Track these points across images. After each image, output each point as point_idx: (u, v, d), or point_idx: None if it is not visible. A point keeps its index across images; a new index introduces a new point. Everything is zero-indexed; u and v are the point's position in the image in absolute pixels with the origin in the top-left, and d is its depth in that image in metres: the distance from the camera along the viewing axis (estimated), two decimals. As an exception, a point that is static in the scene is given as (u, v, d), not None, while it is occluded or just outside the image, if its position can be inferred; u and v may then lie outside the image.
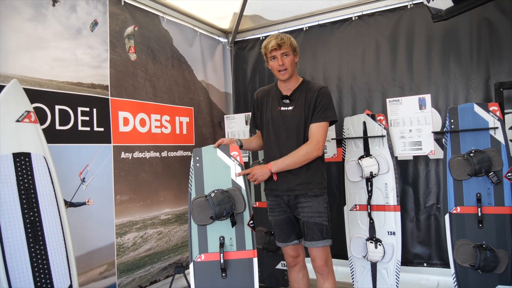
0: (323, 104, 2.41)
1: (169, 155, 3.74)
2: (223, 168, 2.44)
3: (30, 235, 2.15)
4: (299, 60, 2.55)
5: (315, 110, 2.41)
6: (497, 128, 2.77)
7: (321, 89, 2.45)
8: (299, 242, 2.55)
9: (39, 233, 2.19)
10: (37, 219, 2.20)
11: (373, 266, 3.13)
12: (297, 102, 2.46)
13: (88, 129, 2.97)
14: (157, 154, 3.61)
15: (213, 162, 2.46)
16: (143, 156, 3.46)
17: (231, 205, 2.31)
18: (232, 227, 2.35)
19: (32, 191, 2.22)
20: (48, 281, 2.17)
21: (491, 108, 2.81)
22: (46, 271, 2.18)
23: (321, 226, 2.39)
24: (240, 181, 2.43)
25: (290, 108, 2.46)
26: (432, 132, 3.04)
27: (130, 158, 3.32)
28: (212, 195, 2.30)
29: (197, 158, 2.46)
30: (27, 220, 2.16)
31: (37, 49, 2.69)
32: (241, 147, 2.61)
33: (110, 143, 3.15)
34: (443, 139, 2.97)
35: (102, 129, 3.08)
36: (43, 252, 2.19)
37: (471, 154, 2.76)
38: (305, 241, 2.45)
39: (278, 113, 2.49)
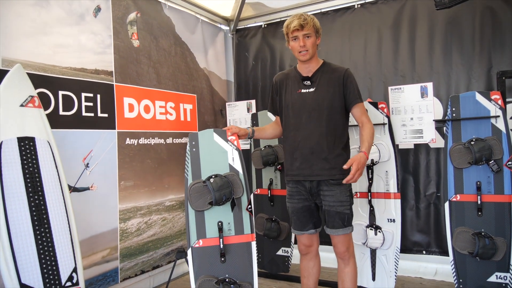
0: (355, 85, 2.41)
1: (174, 142, 3.77)
2: (220, 153, 2.42)
3: (35, 218, 2.19)
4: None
5: (350, 92, 2.38)
6: (498, 116, 2.79)
7: (347, 71, 2.42)
8: (315, 231, 2.52)
9: (44, 216, 2.23)
10: (41, 202, 2.24)
11: (373, 252, 3.17)
12: (319, 83, 2.40)
13: (92, 114, 2.99)
14: (162, 141, 3.63)
15: (210, 147, 2.43)
16: (148, 142, 3.48)
17: (230, 190, 2.31)
18: (232, 210, 2.35)
19: (36, 175, 2.25)
20: (53, 263, 2.22)
21: (492, 97, 2.82)
22: (51, 253, 2.22)
23: (343, 215, 2.37)
24: (238, 166, 2.41)
25: (312, 89, 2.41)
26: (434, 120, 3.05)
27: (135, 144, 3.34)
28: (212, 180, 2.29)
29: (193, 142, 2.43)
30: (32, 203, 2.20)
31: (41, 34, 2.70)
32: (251, 137, 2.57)
33: (115, 129, 3.17)
34: (444, 128, 2.98)
35: (106, 115, 3.10)
36: (48, 234, 2.23)
37: (472, 143, 2.78)
38: (326, 228, 2.43)
39: (298, 95, 2.43)
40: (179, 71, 3.92)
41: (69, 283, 2.27)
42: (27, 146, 2.24)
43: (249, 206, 2.40)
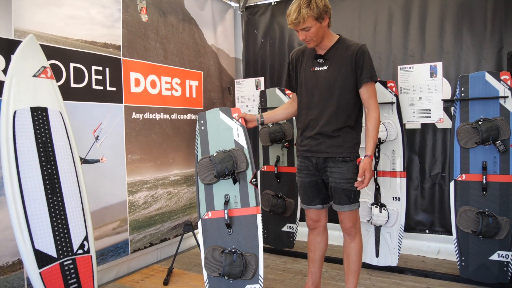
0: (367, 64, 2.31)
1: (179, 118, 3.79)
2: (226, 130, 2.51)
3: (48, 186, 2.23)
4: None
5: (361, 70, 2.30)
6: (507, 97, 2.78)
7: (361, 48, 2.31)
8: (322, 207, 2.53)
9: (56, 184, 2.28)
10: (54, 171, 2.28)
11: (377, 230, 3.21)
12: (332, 62, 2.35)
13: (101, 88, 3.01)
14: (167, 116, 3.65)
15: (216, 125, 2.53)
16: (153, 117, 3.51)
17: (232, 163, 2.37)
18: (234, 184, 2.42)
19: (49, 144, 2.29)
20: (65, 230, 2.27)
21: (502, 77, 2.81)
22: (64, 221, 2.28)
23: (349, 192, 2.36)
24: (242, 141, 2.48)
25: (325, 68, 2.37)
26: (442, 99, 3.05)
27: (141, 118, 3.37)
28: (215, 154, 2.39)
29: (202, 121, 2.54)
30: (45, 172, 2.24)
31: (52, 5, 2.70)
32: (262, 123, 2.59)
33: (122, 103, 3.19)
34: (452, 108, 2.98)
35: (114, 89, 3.12)
36: (60, 203, 2.28)
37: (480, 123, 2.78)
38: (333, 204, 2.45)
39: (312, 73, 2.40)
40: (186, 47, 3.91)
41: (80, 251, 2.34)
42: (40, 116, 2.27)
43: (254, 180, 2.45)
